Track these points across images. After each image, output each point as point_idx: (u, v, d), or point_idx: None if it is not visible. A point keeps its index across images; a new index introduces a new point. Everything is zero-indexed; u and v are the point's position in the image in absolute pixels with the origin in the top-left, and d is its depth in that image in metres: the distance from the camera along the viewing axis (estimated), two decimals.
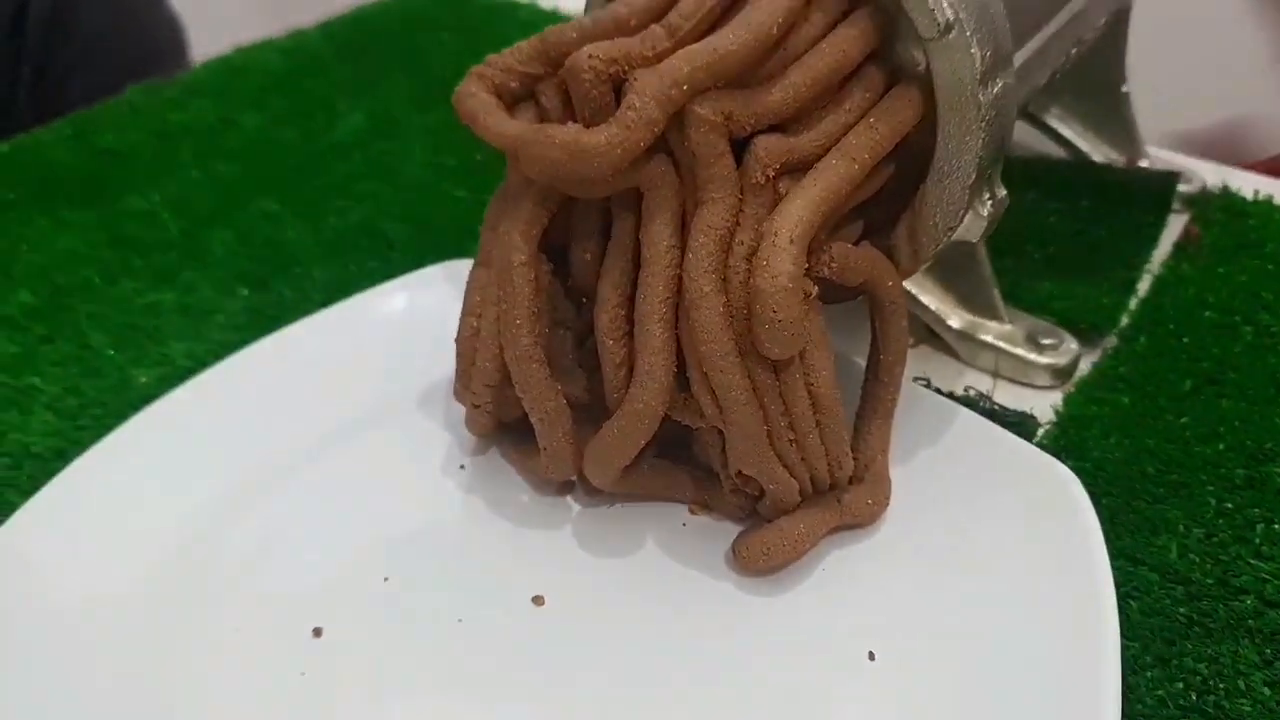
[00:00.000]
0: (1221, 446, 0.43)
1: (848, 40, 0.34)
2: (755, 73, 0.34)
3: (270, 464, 0.39)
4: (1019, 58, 0.41)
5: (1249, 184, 0.58)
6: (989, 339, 0.47)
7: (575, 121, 0.34)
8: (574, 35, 0.35)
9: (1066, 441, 0.43)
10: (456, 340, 0.38)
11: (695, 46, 0.32)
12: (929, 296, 0.48)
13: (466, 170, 0.58)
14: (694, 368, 0.34)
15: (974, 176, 0.36)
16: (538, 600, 0.36)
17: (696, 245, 0.33)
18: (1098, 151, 0.60)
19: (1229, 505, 0.40)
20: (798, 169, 0.34)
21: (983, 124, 0.35)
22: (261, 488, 0.38)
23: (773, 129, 0.34)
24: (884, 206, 0.39)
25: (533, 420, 0.36)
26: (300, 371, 0.41)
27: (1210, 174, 0.59)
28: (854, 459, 0.38)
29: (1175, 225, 0.56)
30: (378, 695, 0.33)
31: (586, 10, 0.39)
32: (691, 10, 0.33)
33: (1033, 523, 0.37)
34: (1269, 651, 0.35)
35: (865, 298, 0.38)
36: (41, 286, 0.50)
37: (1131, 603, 0.37)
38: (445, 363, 0.39)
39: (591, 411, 0.37)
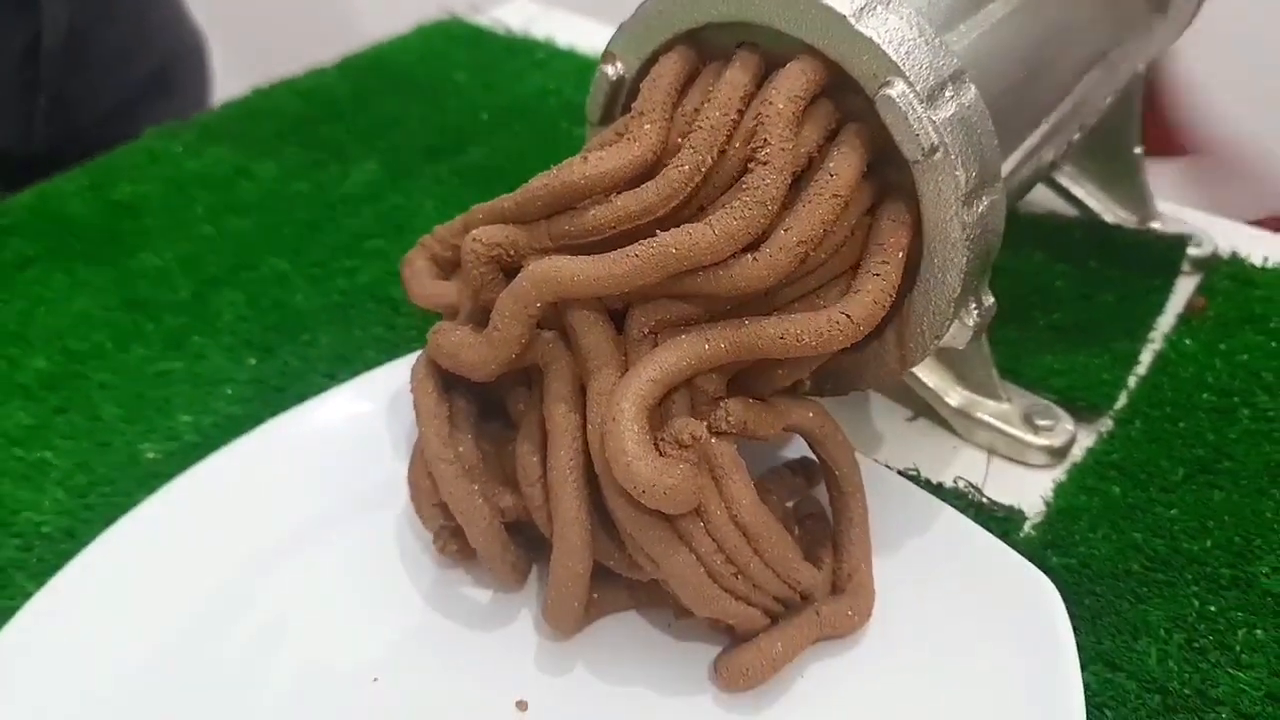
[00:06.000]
0: (1209, 543, 0.43)
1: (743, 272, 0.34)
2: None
3: (264, 559, 0.40)
4: (1016, 157, 0.41)
5: (1259, 249, 0.57)
6: (986, 417, 0.48)
7: None
8: (479, 216, 0.39)
9: (1053, 535, 0.43)
10: (408, 471, 0.39)
11: (549, 268, 0.35)
12: (928, 374, 0.48)
13: None
14: (619, 528, 0.35)
15: (959, 290, 0.36)
16: (521, 705, 0.36)
17: (593, 415, 0.35)
18: (1109, 212, 0.59)
19: (1212, 608, 0.40)
20: (679, 325, 0.36)
21: (967, 242, 0.35)
22: (255, 584, 0.39)
23: None
24: None
25: (461, 524, 0.38)
26: (294, 463, 0.42)
27: (1222, 234, 0.58)
28: (836, 569, 0.39)
29: (1184, 288, 0.56)
30: None
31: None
32: (580, 231, 0.36)
33: (1009, 631, 0.37)
34: None
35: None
36: (56, 352, 0.51)
37: (1107, 712, 0.37)
38: None
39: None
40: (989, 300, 0.38)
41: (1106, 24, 0.47)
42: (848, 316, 0.34)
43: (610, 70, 0.40)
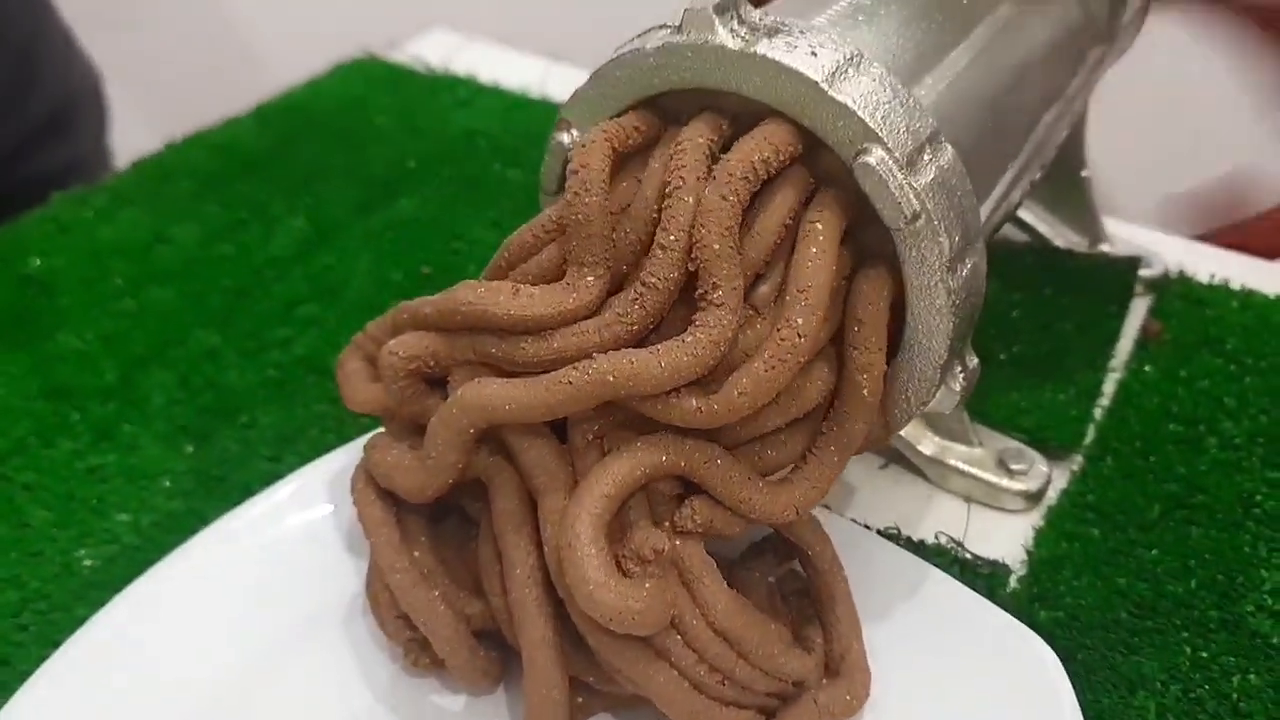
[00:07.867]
0: (1193, 583, 0.42)
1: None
2: None
3: (220, 681, 0.37)
4: (988, 206, 0.40)
5: (1205, 265, 0.58)
6: (959, 464, 0.47)
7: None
8: (405, 317, 0.37)
9: (1039, 588, 0.42)
10: (366, 585, 0.38)
11: (478, 395, 0.33)
12: None
13: (413, 284, 0.56)
14: (594, 652, 0.33)
15: (945, 356, 0.35)
16: None
17: (547, 535, 0.33)
18: (1059, 235, 0.59)
19: (1204, 655, 0.40)
20: (624, 428, 0.34)
21: (952, 307, 0.34)
22: (215, 704, 0.37)
23: None
24: None
25: (425, 634, 0.36)
26: (242, 573, 0.39)
27: (1170, 251, 0.58)
28: (828, 650, 0.38)
29: (1139, 310, 0.55)
30: None
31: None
32: (508, 360, 0.34)
33: (1008, 698, 0.36)
34: None
35: None
36: None
37: None
38: None
39: None
40: (973, 362, 0.37)
41: (1061, 60, 0.46)
42: (796, 511, 0.34)
43: (565, 138, 0.38)
